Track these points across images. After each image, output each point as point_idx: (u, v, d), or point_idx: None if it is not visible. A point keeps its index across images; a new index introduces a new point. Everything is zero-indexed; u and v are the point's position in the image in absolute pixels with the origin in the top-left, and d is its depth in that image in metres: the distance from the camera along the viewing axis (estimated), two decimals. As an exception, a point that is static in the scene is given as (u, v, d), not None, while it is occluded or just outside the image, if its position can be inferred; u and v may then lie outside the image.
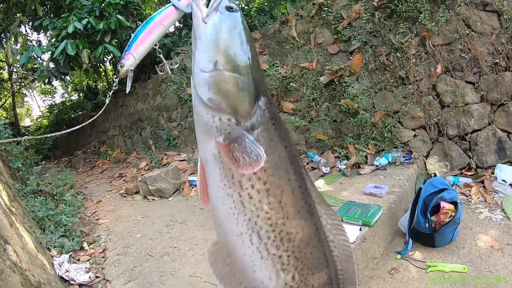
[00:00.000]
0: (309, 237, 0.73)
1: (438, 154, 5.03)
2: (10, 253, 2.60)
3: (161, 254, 4.06)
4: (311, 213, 0.74)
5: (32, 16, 9.45)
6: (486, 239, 3.50)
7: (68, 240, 4.44)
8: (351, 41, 5.66)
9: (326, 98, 5.83)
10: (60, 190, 6.13)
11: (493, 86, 4.70)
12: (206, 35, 0.72)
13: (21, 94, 20.74)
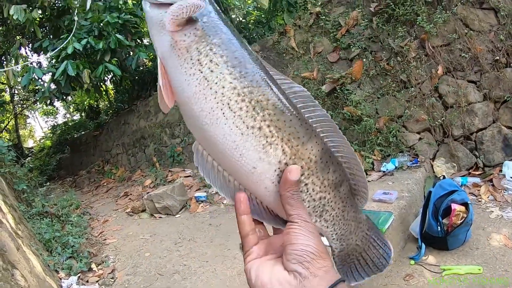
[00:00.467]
0: (280, 103, 0.72)
1: (444, 156, 4.99)
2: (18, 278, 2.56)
3: (171, 273, 4.01)
4: (272, 82, 0.74)
5: (31, 37, 9.54)
6: (499, 238, 3.45)
7: (76, 262, 4.40)
8: (350, 48, 5.67)
9: (329, 106, 5.81)
10: (65, 211, 6.10)
11: (495, 83, 4.69)
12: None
13: (23, 116, 20.90)
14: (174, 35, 0.72)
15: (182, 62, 0.72)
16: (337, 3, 5.96)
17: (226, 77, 0.70)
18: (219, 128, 0.70)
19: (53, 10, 8.87)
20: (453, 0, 4.85)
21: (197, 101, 0.71)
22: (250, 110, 0.70)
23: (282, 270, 0.64)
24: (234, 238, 4.55)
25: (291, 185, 0.68)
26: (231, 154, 0.71)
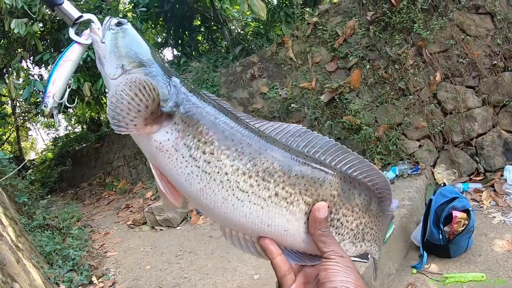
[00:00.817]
0: (285, 159, 0.72)
1: (445, 162, 4.97)
2: (17, 291, 2.55)
3: (172, 286, 3.98)
4: (269, 140, 0.73)
5: (32, 51, 9.62)
6: (502, 243, 3.42)
7: (76, 274, 4.38)
8: (348, 57, 5.69)
9: (328, 116, 5.82)
10: (67, 223, 6.09)
11: (494, 88, 4.69)
12: (106, 50, 0.79)
13: (25, 128, 20.95)
14: (155, 137, 0.70)
15: (175, 163, 0.69)
16: (334, 12, 6.01)
17: (226, 162, 0.68)
18: (238, 212, 0.69)
19: (53, 23, 8.95)
20: (449, 6, 4.88)
21: (206, 196, 0.69)
22: (260, 182, 0.69)
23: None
24: (234, 250, 4.49)
25: (320, 223, 0.70)
26: (260, 228, 0.71)
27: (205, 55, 8.89)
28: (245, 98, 7.08)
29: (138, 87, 0.66)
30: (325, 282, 0.65)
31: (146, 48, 0.80)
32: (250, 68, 6.93)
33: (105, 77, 0.78)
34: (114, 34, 0.81)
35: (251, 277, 3.67)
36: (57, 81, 0.93)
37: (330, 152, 0.77)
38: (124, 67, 0.75)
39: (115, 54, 0.77)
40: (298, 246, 0.73)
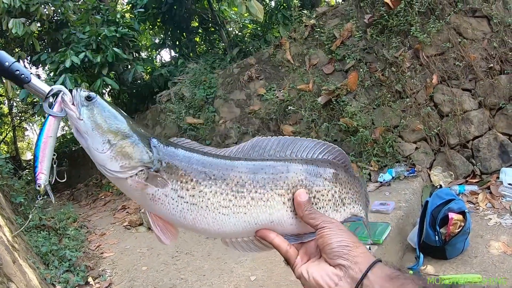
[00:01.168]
0: (249, 168, 0.87)
1: (441, 165, 5.00)
2: (13, 291, 2.54)
3: (168, 287, 3.97)
4: (230, 159, 0.89)
5: (30, 51, 9.59)
6: (497, 245, 3.44)
7: (72, 275, 4.36)
8: (345, 59, 5.72)
9: (325, 118, 5.84)
10: (63, 224, 6.06)
11: (490, 90, 4.73)
12: (88, 128, 0.88)
13: (21, 128, 20.85)
14: (148, 191, 0.84)
15: (167, 206, 0.84)
16: (332, 15, 6.04)
17: (205, 191, 0.83)
18: (228, 224, 0.84)
19: (51, 23, 8.93)
20: (446, 10, 4.91)
21: (200, 222, 0.84)
22: (236, 195, 0.84)
23: (328, 266, 0.75)
24: (231, 251, 4.49)
25: (304, 205, 0.82)
26: (251, 229, 0.85)
27: (203, 57, 8.89)
28: (242, 100, 7.09)
29: None
30: (323, 247, 0.77)
31: (123, 119, 0.90)
32: (247, 70, 6.94)
33: (89, 150, 0.88)
34: (90, 110, 0.89)
35: (248, 278, 3.67)
36: (43, 160, 0.99)
37: (285, 147, 0.92)
38: (110, 142, 0.86)
39: (98, 131, 0.87)
40: (289, 230, 0.86)
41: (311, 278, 0.76)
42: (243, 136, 7.09)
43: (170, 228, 0.89)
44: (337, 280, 0.72)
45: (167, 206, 0.85)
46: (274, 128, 6.59)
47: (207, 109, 7.57)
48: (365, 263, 0.71)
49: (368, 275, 0.70)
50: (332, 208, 0.89)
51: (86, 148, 0.89)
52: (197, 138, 7.84)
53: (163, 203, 0.84)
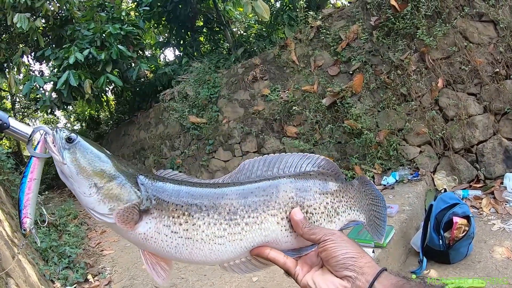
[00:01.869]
0: (240, 194, 0.86)
1: (445, 169, 4.97)
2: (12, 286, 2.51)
3: (169, 286, 3.93)
4: (220, 186, 0.88)
5: (34, 46, 9.60)
6: (501, 250, 3.41)
7: (72, 272, 4.34)
8: (351, 61, 5.69)
9: (329, 120, 5.81)
10: (63, 220, 6.05)
11: (495, 95, 4.70)
12: (72, 172, 0.86)
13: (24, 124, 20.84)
14: (139, 231, 0.83)
15: (161, 243, 0.83)
16: (338, 17, 6.01)
17: (199, 223, 0.83)
18: (225, 253, 0.84)
19: (56, 19, 8.95)
20: (453, 13, 4.88)
21: (196, 255, 0.84)
22: (230, 223, 0.83)
23: (334, 277, 0.76)
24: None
25: (302, 222, 0.83)
26: (247, 253, 0.85)
27: (207, 56, 8.88)
28: (246, 100, 7.07)
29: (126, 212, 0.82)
30: (328, 259, 0.77)
31: (107, 160, 0.89)
32: (252, 70, 6.92)
33: (76, 193, 0.87)
34: (72, 154, 0.88)
35: (250, 279, 3.64)
36: (28, 204, 0.97)
37: (272, 166, 0.91)
38: (97, 185, 0.85)
39: (83, 175, 0.86)
40: (285, 247, 0.86)
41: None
42: (246, 136, 7.07)
43: (162, 265, 0.87)
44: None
45: (160, 243, 0.84)
46: (278, 128, 6.56)
47: (211, 108, 7.55)
48: (371, 273, 0.72)
49: (375, 284, 0.71)
50: (326, 220, 0.88)
51: (73, 191, 0.88)
52: (200, 137, 7.83)
53: (156, 240, 0.83)
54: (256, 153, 6.94)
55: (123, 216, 0.82)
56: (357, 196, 0.96)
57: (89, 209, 0.86)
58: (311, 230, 0.81)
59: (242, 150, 7.21)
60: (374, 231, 0.96)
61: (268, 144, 6.69)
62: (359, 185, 0.99)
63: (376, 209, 0.98)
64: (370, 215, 0.97)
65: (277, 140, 6.55)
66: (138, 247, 0.88)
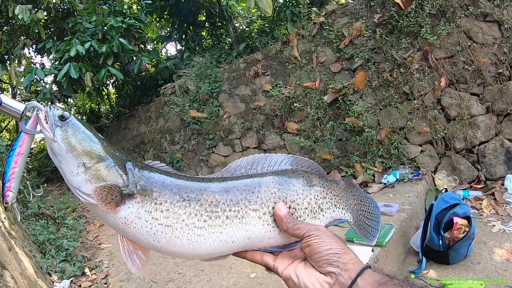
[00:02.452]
0: (221, 188, 0.87)
1: (446, 169, 4.94)
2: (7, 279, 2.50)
3: (166, 281, 3.93)
4: (204, 181, 0.89)
5: (36, 38, 9.55)
6: (501, 252, 3.39)
7: (69, 265, 4.33)
8: (353, 58, 5.65)
9: (330, 117, 5.78)
10: (62, 213, 6.03)
11: (498, 96, 4.66)
12: (62, 150, 0.86)
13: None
14: (120, 214, 0.83)
15: (140, 228, 0.83)
16: (341, 13, 5.96)
17: (180, 212, 0.83)
18: (204, 245, 0.84)
19: (57, 12, 8.90)
20: (457, 13, 4.84)
21: (174, 244, 0.84)
22: (211, 215, 0.84)
23: (317, 273, 0.76)
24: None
25: (286, 217, 0.83)
26: (228, 247, 0.85)
27: (209, 51, 8.83)
28: (247, 95, 7.03)
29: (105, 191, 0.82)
30: (312, 255, 0.77)
31: (97, 141, 0.89)
32: (253, 65, 6.88)
33: (63, 171, 0.87)
34: (64, 131, 0.87)
35: (247, 276, 3.62)
36: (12, 177, 0.97)
37: (256, 164, 0.92)
38: (85, 165, 0.85)
39: (73, 153, 0.86)
40: (268, 243, 0.86)
41: (302, 283, 0.76)
42: (246, 132, 7.04)
43: (139, 254, 0.88)
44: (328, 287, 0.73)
45: (140, 228, 0.83)
46: (278, 124, 6.53)
47: (212, 103, 7.52)
48: (354, 270, 0.72)
49: (358, 281, 0.70)
50: (310, 215, 0.88)
51: (59, 168, 0.88)
52: (200, 132, 7.80)
53: (136, 226, 0.83)
54: (256, 148, 6.91)
55: (101, 194, 0.81)
56: (343, 195, 0.96)
57: (74, 188, 0.86)
58: (296, 225, 0.81)
59: (242, 145, 7.18)
60: (363, 232, 0.95)
61: (269, 140, 6.66)
62: (345, 185, 0.99)
63: (366, 209, 0.98)
64: (359, 215, 0.97)
65: (278, 136, 6.52)
66: (117, 232, 0.87)
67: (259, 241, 0.85)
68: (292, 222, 0.82)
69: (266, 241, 0.86)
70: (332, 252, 0.75)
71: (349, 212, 0.95)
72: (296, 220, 0.83)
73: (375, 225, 0.96)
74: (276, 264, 0.83)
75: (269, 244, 0.86)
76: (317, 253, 0.76)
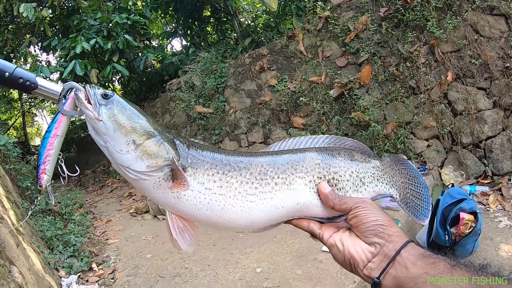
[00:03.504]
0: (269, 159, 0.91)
1: (453, 164, 4.91)
2: (15, 274, 2.52)
3: (172, 275, 3.96)
4: (255, 154, 0.93)
5: (41, 36, 9.59)
6: (507, 248, 3.37)
7: (76, 261, 4.36)
8: (359, 53, 5.62)
9: (336, 111, 5.75)
10: (69, 209, 6.08)
11: (505, 90, 4.61)
12: (108, 128, 0.84)
13: (31, 114, 21.01)
14: (174, 188, 0.84)
15: (193, 200, 0.85)
16: (347, 7, 5.92)
17: (232, 181, 0.86)
18: (258, 210, 0.86)
19: (62, 10, 8.92)
20: (464, 6, 4.78)
21: (229, 212, 0.86)
22: (261, 182, 0.87)
23: (361, 242, 0.78)
24: (237, 242, 4.50)
25: (331, 194, 0.85)
26: (278, 213, 0.87)
27: (214, 46, 8.82)
28: (253, 90, 7.02)
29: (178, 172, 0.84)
30: (358, 225, 0.79)
31: (144, 118, 0.89)
32: (259, 60, 6.86)
33: (110, 151, 0.86)
34: (110, 110, 0.86)
35: (253, 270, 3.63)
36: (48, 159, 0.95)
37: (299, 143, 0.96)
38: (135, 142, 0.85)
39: (121, 131, 0.85)
40: (316, 212, 0.88)
41: (346, 251, 0.79)
42: (252, 127, 7.04)
43: (189, 231, 0.88)
44: (371, 257, 0.75)
45: (193, 200, 0.85)
46: (284, 119, 6.52)
47: (217, 98, 7.52)
48: (399, 242, 0.74)
49: (401, 252, 0.72)
50: (352, 188, 0.91)
51: (105, 148, 0.87)
52: (206, 127, 7.81)
53: (189, 198, 0.84)
54: (262, 143, 6.91)
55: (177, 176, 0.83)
56: (387, 171, 0.97)
57: (124, 167, 0.85)
58: (342, 201, 0.83)
59: (248, 140, 7.18)
60: (413, 211, 0.95)
61: (275, 134, 6.65)
62: (390, 161, 1.00)
63: (414, 188, 0.97)
64: (406, 193, 0.97)
65: (284, 131, 6.51)
66: (166, 208, 0.88)
67: (307, 208, 0.88)
68: (338, 198, 0.84)
69: (313, 210, 0.88)
70: (378, 223, 0.76)
71: (394, 188, 0.96)
72: (341, 196, 0.85)
73: (424, 205, 0.96)
74: (321, 232, 0.86)
75: (315, 213, 0.88)
76: (363, 224, 0.78)
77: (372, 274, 0.74)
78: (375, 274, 0.73)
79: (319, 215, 0.88)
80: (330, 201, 0.84)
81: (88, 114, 0.85)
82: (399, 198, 0.96)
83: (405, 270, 0.70)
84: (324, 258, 3.50)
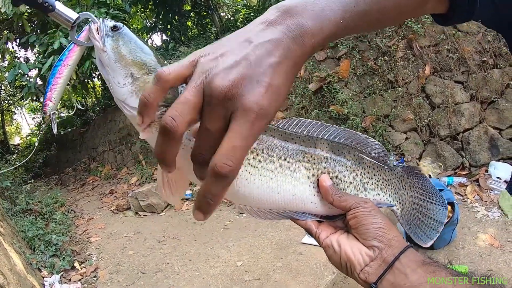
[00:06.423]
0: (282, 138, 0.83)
1: (431, 156, 5.01)
2: (-6, 275, 2.49)
3: (154, 271, 3.96)
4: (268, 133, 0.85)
5: (19, 32, 9.37)
6: (485, 237, 3.47)
7: (59, 260, 4.32)
8: (338, 47, 5.66)
9: (315, 105, 5.80)
10: (50, 208, 6.00)
11: (482, 84, 4.72)
12: (110, 59, 0.81)
13: (9, 112, 20.53)
14: None
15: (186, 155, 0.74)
16: (326, 2, 5.95)
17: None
18: (254, 185, 0.80)
19: (40, 4, 8.72)
20: (442, 1, 4.86)
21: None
22: (266, 158, 0.80)
23: (360, 244, 0.75)
24: (218, 236, 4.52)
25: (331, 189, 0.80)
26: (271, 198, 0.81)
27: (194, 41, 8.77)
28: (234, 86, 7.01)
29: None
30: (357, 226, 0.75)
31: (149, 52, 0.83)
32: (239, 56, 6.85)
33: (110, 83, 0.81)
34: (114, 41, 0.82)
35: (234, 264, 3.66)
36: (55, 88, 0.94)
37: (316, 129, 0.88)
38: (133, 75, 0.79)
39: (121, 63, 0.81)
40: (309, 208, 0.82)
41: (343, 252, 0.76)
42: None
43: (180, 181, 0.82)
44: (369, 261, 0.72)
45: (185, 155, 0.74)
46: (265, 115, 6.53)
47: (198, 94, 7.48)
48: (398, 247, 0.71)
49: (401, 258, 0.69)
50: (352, 192, 0.85)
51: (107, 81, 0.83)
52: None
53: (185, 146, 0.76)
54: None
55: None
56: (395, 182, 0.91)
57: (120, 101, 0.81)
58: (342, 197, 0.79)
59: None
60: (414, 229, 0.90)
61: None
62: (402, 172, 0.93)
63: (425, 205, 0.91)
64: (412, 209, 0.91)
65: (265, 127, 6.53)
66: None
67: (301, 202, 0.82)
68: (339, 194, 0.80)
69: (308, 206, 0.83)
70: (378, 226, 0.74)
71: (397, 201, 0.90)
72: (342, 192, 0.81)
73: (434, 224, 0.88)
74: (318, 231, 0.82)
75: (309, 210, 0.83)
76: (363, 225, 0.75)
77: (369, 279, 0.72)
78: (372, 279, 0.71)
79: (312, 212, 0.84)
80: (329, 196, 0.80)
81: (95, 44, 0.83)
82: (400, 214, 0.91)
83: (404, 277, 0.68)
84: (304, 250, 3.55)
